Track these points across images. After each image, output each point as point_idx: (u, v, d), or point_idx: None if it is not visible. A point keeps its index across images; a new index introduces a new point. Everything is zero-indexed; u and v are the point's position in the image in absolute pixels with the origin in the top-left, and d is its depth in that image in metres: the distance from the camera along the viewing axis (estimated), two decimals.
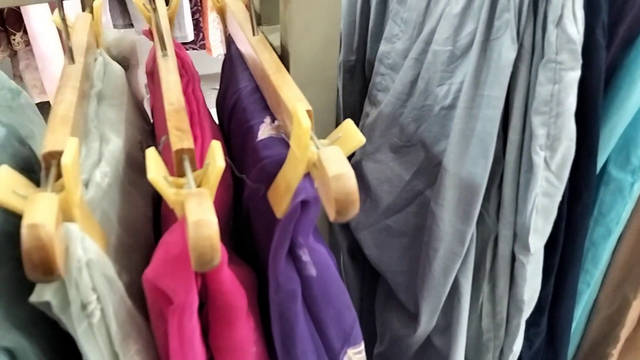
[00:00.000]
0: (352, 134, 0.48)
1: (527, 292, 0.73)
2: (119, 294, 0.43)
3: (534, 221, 0.67)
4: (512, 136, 0.66)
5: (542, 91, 0.61)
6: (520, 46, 0.62)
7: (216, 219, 0.38)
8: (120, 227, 0.52)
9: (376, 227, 0.83)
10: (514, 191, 0.68)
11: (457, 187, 0.69)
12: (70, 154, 0.40)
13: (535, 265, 0.72)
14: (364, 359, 0.55)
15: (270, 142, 0.57)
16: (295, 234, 0.48)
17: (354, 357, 0.54)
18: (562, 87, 0.60)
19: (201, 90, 0.72)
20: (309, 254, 0.49)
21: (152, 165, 0.44)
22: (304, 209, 0.47)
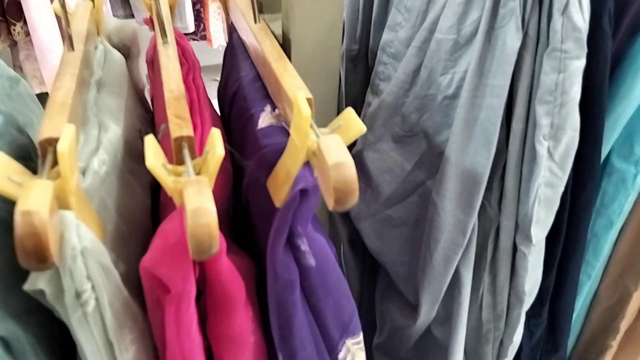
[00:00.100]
0: (352, 122, 0.47)
1: (528, 283, 0.73)
2: (114, 282, 0.43)
3: (536, 212, 0.66)
4: (516, 126, 0.65)
5: (547, 80, 0.60)
6: (525, 34, 0.61)
7: (215, 207, 0.38)
8: (117, 216, 0.51)
9: (377, 218, 0.83)
10: (516, 181, 0.68)
11: (459, 177, 0.69)
12: (66, 140, 0.40)
13: (536, 256, 0.72)
14: (363, 349, 0.55)
15: (270, 130, 0.57)
16: (294, 223, 0.48)
17: (352, 348, 0.53)
18: (567, 76, 0.59)
19: (202, 78, 0.71)
20: (307, 244, 0.49)
21: (151, 152, 0.43)
22: (303, 197, 0.46)
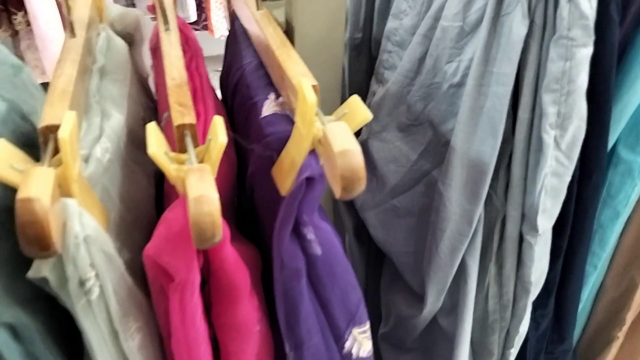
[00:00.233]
0: (358, 110, 0.47)
1: (534, 274, 0.72)
2: (118, 271, 0.42)
3: (542, 201, 0.66)
4: (522, 114, 0.65)
5: (553, 68, 0.59)
6: (531, 22, 0.60)
7: (217, 195, 0.37)
8: (121, 204, 0.51)
9: (382, 208, 0.83)
10: (522, 171, 0.67)
11: (465, 166, 0.68)
12: (67, 127, 0.39)
13: (543, 246, 0.71)
14: (370, 338, 0.54)
15: (274, 118, 0.56)
16: (300, 212, 0.47)
17: (359, 337, 0.53)
18: (573, 64, 0.58)
19: (205, 66, 0.71)
20: (314, 232, 0.48)
21: (153, 140, 0.43)
22: (309, 186, 0.46)
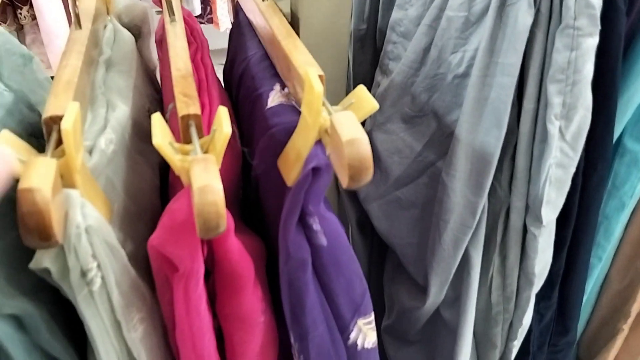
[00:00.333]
0: (365, 100, 0.47)
1: (538, 265, 0.72)
2: (121, 262, 0.42)
3: (547, 192, 0.65)
4: (527, 105, 0.64)
5: (559, 58, 0.59)
6: (537, 11, 0.60)
7: (222, 185, 0.37)
8: (125, 195, 0.51)
9: (386, 199, 0.82)
10: (527, 162, 0.67)
11: (470, 157, 0.68)
12: (70, 118, 0.39)
13: (547, 237, 0.71)
14: (374, 329, 0.54)
15: (280, 109, 0.56)
16: (306, 202, 0.47)
17: (364, 328, 0.53)
18: (579, 54, 0.58)
19: (210, 58, 0.71)
20: (319, 223, 0.48)
21: (158, 131, 0.43)
22: (315, 176, 0.46)
